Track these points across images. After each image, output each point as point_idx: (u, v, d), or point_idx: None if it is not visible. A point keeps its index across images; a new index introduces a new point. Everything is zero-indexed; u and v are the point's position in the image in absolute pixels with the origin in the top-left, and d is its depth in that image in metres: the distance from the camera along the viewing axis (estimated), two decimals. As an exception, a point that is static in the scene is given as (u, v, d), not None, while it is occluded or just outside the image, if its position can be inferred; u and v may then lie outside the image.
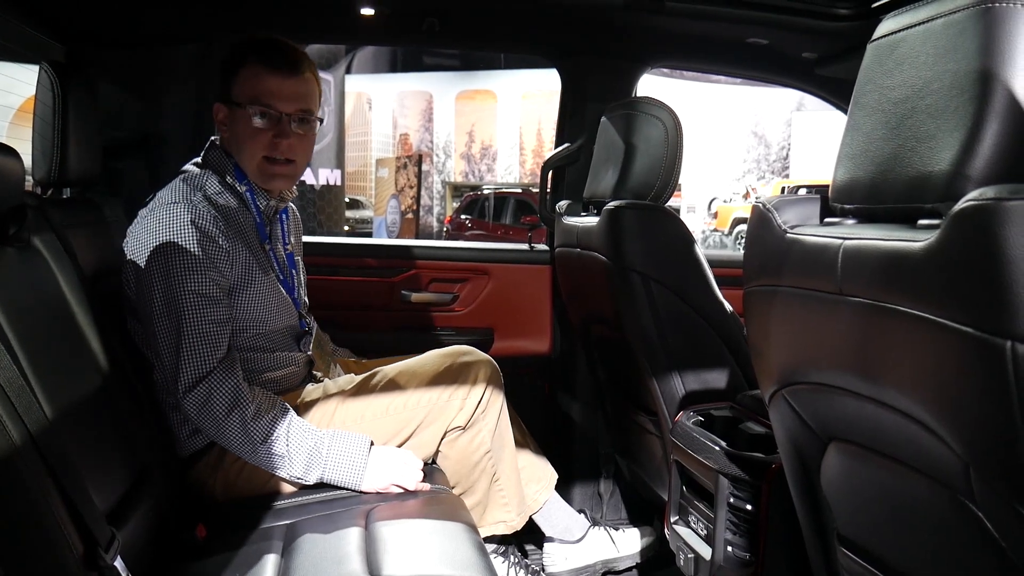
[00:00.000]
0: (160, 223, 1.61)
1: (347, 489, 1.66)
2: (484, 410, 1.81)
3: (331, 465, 1.63)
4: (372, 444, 1.68)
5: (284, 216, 1.87)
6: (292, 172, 1.78)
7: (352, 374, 1.90)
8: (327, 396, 1.80)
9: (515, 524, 1.93)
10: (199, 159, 1.78)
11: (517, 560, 2.05)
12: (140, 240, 1.63)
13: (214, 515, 1.60)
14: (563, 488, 2.55)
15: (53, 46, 2.08)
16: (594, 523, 2.22)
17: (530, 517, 2.03)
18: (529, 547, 2.29)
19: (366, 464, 1.64)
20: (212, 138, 1.81)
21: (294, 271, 1.90)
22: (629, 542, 2.21)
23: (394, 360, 2.11)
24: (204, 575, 1.38)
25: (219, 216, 1.67)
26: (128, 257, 1.65)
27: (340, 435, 1.67)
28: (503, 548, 2.05)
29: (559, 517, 2.10)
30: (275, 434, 1.61)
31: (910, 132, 0.88)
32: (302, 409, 1.75)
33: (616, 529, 2.23)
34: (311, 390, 1.82)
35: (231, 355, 1.64)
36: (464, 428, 1.81)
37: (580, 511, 2.26)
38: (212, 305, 1.61)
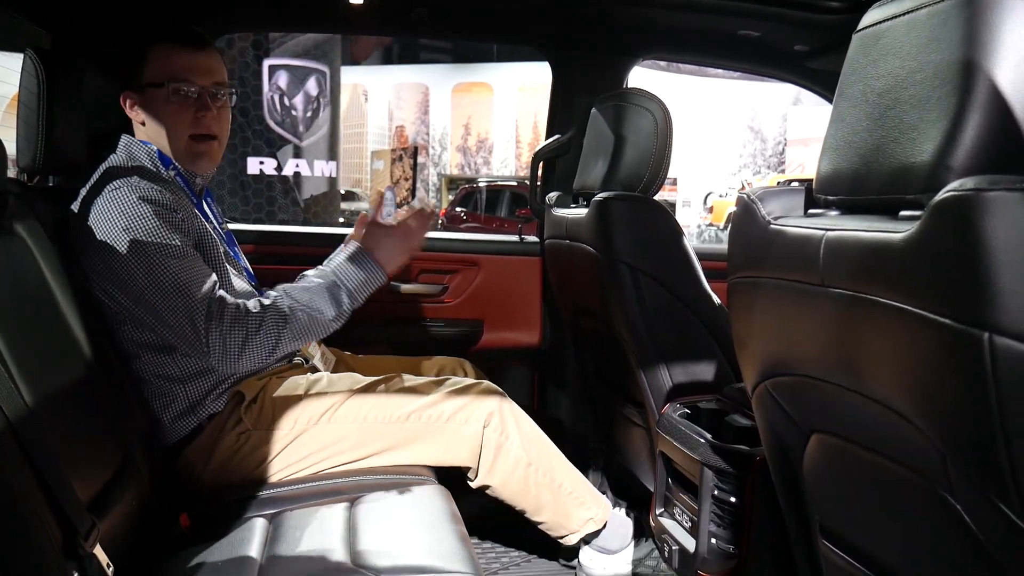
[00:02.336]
0: (108, 210, 1.58)
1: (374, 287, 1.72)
2: (501, 432, 1.78)
3: (354, 291, 1.68)
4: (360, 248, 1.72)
5: (210, 199, 1.88)
6: (215, 149, 1.80)
7: (356, 374, 1.88)
8: (332, 389, 1.79)
9: (602, 516, 1.90)
10: (116, 155, 1.75)
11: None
12: (94, 233, 1.58)
13: (197, 505, 1.60)
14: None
15: (40, 34, 2.07)
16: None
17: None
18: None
19: (377, 269, 1.69)
20: (123, 135, 1.78)
21: (237, 248, 1.92)
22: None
23: (387, 355, 2.12)
24: (187, 565, 1.37)
25: (164, 191, 1.66)
26: (88, 254, 1.59)
27: (332, 263, 1.71)
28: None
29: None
30: (290, 310, 1.62)
31: (893, 123, 0.88)
32: (305, 397, 1.75)
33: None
34: (313, 380, 1.81)
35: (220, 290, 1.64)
36: (479, 461, 1.78)
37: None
38: (195, 262, 1.62)
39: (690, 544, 1.59)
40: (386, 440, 1.74)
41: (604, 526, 1.91)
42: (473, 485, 1.80)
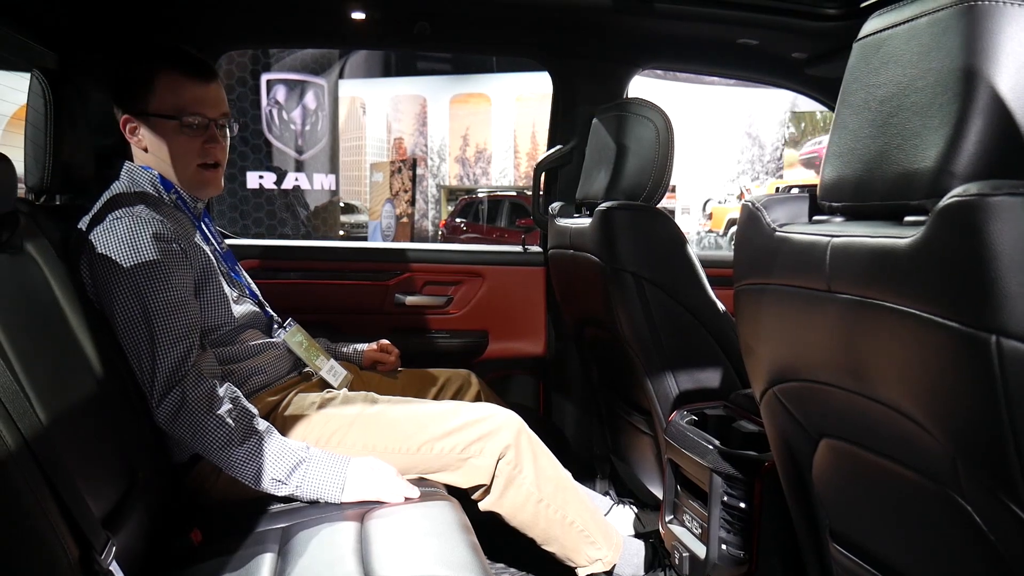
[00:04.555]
0: (111, 238, 1.60)
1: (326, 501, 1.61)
2: (515, 466, 1.76)
3: (310, 475, 1.59)
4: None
5: (208, 219, 1.89)
6: (220, 176, 1.83)
7: (366, 392, 1.88)
8: (348, 402, 1.79)
9: (611, 558, 1.88)
10: (119, 182, 1.76)
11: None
12: (93, 259, 1.60)
13: (209, 519, 1.60)
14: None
15: (46, 54, 2.09)
16: (622, 502, 2.24)
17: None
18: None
19: (346, 478, 1.60)
20: (125, 161, 1.79)
21: (238, 267, 1.93)
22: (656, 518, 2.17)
23: (391, 374, 2.12)
24: (200, 579, 1.38)
25: (166, 220, 1.67)
26: (86, 277, 1.62)
27: (321, 453, 1.63)
28: None
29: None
30: (254, 435, 1.59)
31: (896, 130, 0.89)
32: (317, 419, 1.74)
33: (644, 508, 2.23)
34: (327, 398, 1.81)
35: (202, 360, 1.63)
36: (489, 488, 1.77)
37: (608, 494, 2.33)
38: (180, 311, 1.61)
39: (700, 550, 1.59)
40: (395, 467, 1.73)
41: (613, 568, 1.90)
42: (481, 507, 1.79)
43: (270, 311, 1.96)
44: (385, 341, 2.17)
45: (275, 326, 1.94)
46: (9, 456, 1.01)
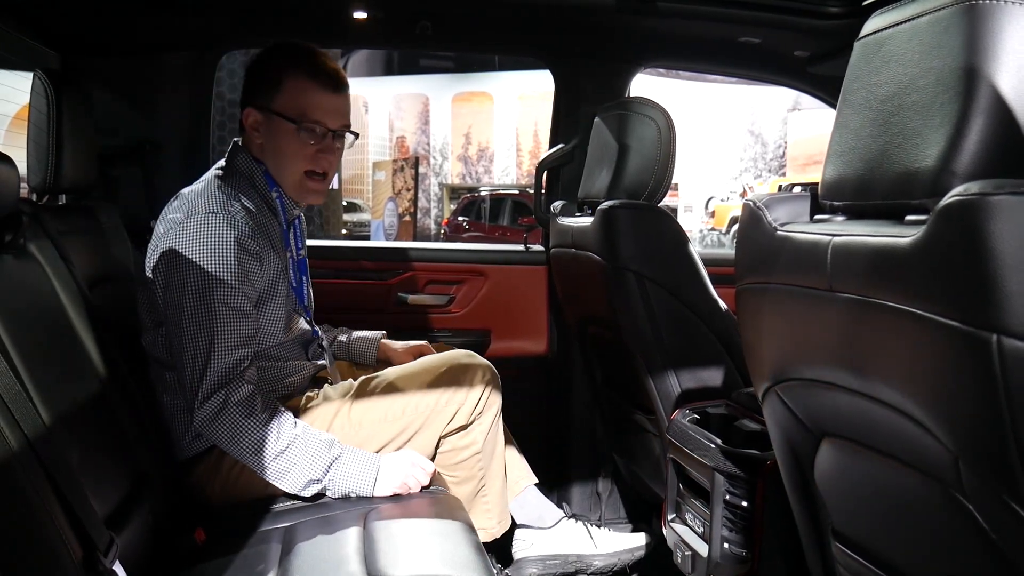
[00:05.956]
0: (199, 233, 1.60)
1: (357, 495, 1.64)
2: (481, 411, 1.82)
3: (343, 470, 1.62)
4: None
5: (298, 223, 1.88)
6: (325, 186, 1.82)
7: (350, 379, 1.90)
8: (327, 401, 1.80)
9: (495, 532, 1.92)
10: (224, 162, 1.77)
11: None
12: (176, 247, 1.60)
13: (213, 519, 1.61)
14: (561, 488, 2.55)
15: (48, 54, 2.09)
16: (575, 518, 2.21)
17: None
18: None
19: (379, 467, 1.64)
20: (235, 140, 1.79)
21: (305, 277, 1.92)
22: (610, 542, 2.16)
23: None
24: (203, 579, 1.38)
25: (256, 226, 1.67)
26: (157, 262, 1.63)
27: (350, 448, 1.66)
28: None
29: (533, 506, 2.10)
30: (289, 441, 1.60)
31: (897, 129, 0.89)
32: (301, 415, 1.75)
33: (600, 527, 2.21)
34: (310, 396, 1.82)
35: (251, 366, 1.64)
36: (457, 429, 1.82)
37: (562, 506, 2.30)
38: (244, 319, 1.62)
39: (703, 549, 1.59)
40: (384, 438, 1.76)
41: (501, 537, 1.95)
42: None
43: (318, 330, 1.94)
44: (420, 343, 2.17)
45: (311, 344, 1.92)
46: (13, 457, 1.01)
